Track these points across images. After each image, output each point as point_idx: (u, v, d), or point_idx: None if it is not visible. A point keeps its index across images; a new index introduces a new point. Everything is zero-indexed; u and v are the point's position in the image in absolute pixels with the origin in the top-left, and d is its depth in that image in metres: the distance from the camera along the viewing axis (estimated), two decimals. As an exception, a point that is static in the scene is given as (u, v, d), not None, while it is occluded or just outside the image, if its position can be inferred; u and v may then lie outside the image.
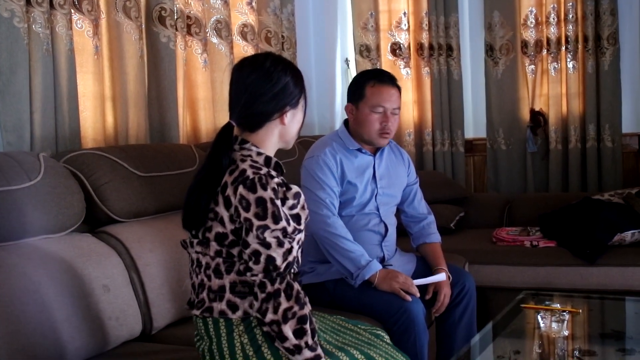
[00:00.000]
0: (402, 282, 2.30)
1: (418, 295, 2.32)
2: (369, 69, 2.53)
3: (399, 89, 2.50)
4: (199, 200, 1.64)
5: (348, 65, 4.47)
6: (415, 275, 2.50)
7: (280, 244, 1.57)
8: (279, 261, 1.57)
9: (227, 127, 1.70)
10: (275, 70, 1.69)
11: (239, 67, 1.73)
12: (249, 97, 1.68)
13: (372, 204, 2.52)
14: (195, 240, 1.69)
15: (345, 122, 2.56)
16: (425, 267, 2.61)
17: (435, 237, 2.68)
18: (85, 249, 2.03)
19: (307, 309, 1.61)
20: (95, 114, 2.55)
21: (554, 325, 2.08)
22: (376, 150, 2.54)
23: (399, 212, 2.73)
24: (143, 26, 2.79)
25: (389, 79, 2.47)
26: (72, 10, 2.42)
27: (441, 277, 2.46)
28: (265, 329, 1.58)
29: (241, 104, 1.69)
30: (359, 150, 2.49)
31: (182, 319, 2.23)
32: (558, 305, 2.37)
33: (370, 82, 2.45)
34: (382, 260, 2.49)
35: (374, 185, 2.52)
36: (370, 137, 2.46)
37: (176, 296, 2.20)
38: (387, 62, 4.37)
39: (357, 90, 2.48)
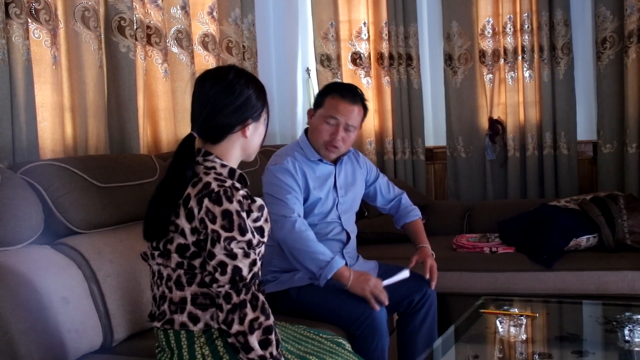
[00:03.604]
0: (374, 286, 2.30)
1: (387, 303, 2.32)
2: (341, 82, 2.53)
3: (363, 107, 2.50)
4: (160, 212, 1.64)
5: (309, 75, 4.50)
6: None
7: (246, 254, 1.58)
8: (245, 272, 1.57)
9: (189, 139, 1.70)
10: (237, 83, 1.69)
11: (201, 79, 1.74)
12: (211, 109, 1.68)
13: (334, 213, 2.55)
14: (156, 252, 1.69)
15: (306, 132, 2.58)
16: (387, 272, 2.64)
17: (414, 214, 2.78)
18: (44, 261, 2.00)
19: (272, 319, 1.61)
20: (53, 125, 2.52)
21: (512, 329, 2.12)
22: (336, 160, 2.57)
23: (375, 207, 2.82)
24: (102, 36, 2.77)
25: (350, 95, 2.47)
26: (29, 20, 2.39)
27: (405, 274, 2.46)
28: (230, 340, 1.58)
29: (203, 115, 1.69)
30: (320, 160, 2.52)
31: (143, 331, 2.21)
32: (516, 310, 2.42)
33: (332, 93, 2.48)
34: None
35: (335, 195, 2.54)
36: (317, 146, 2.49)
37: (137, 307, 2.18)
38: (347, 71, 4.42)
39: (319, 98, 2.52)
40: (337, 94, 2.47)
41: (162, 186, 1.68)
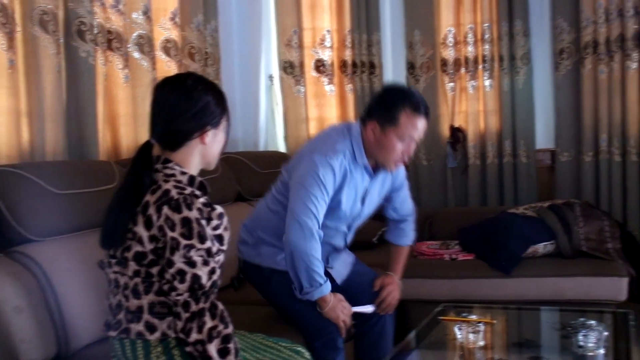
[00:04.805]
0: (347, 314, 2.32)
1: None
2: (404, 87, 2.32)
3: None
4: (117, 220, 1.62)
5: (272, 82, 4.49)
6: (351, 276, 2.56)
7: (205, 262, 1.57)
8: (204, 280, 1.57)
9: (146, 146, 1.69)
10: (196, 89, 1.69)
11: (160, 85, 1.73)
12: (169, 115, 1.67)
13: (346, 221, 2.46)
14: (114, 260, 1.67)
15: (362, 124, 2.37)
16: (359, 276, 2.62)
17: (406, 240, 2.71)
18: (-4, 269, 1.96)
19: (231, 328, 1.61)
20: (9, 130, 2.47)
21: (471, 336, 2.15)
22: (375, 170, 2.43)
23: (383, 208, 2.70)
24: (61, 40, 2.73)
25: (422, 106, 2.28)
26: (-15, 23, 2.35)
27: (369, 309, 2.48)
28: (188, 349, 1.57)
29: (161, 122, 1.69)
30: (365, 167, 2.37)
31: (100, 340, 2.17)
32: (475, 316, 2.44)
33: (406, 108, 2.25)
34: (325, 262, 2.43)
35: (359, 205, 2.45)
36: (386, 162, 2.34)
37: (94, 316, 2.14)
38: (311, 78, 4.42)
39: (390, 112, 2.27)
40: (410, 108, 2.25)
41: (120, 193, 1.67)
